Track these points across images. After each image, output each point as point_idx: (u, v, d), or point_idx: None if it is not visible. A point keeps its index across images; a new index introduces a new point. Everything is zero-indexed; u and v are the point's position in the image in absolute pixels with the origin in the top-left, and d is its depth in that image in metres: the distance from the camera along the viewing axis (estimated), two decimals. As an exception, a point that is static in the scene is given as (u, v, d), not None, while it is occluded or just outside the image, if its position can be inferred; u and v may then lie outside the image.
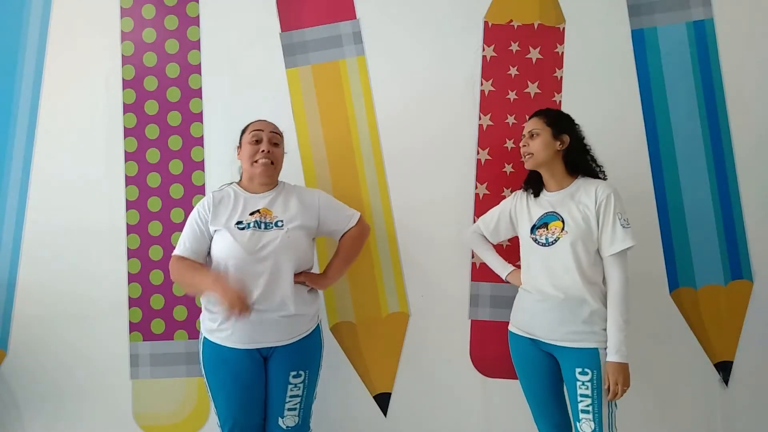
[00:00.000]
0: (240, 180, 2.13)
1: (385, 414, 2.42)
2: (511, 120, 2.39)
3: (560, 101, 2.37)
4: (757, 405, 2.37)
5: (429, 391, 2.41)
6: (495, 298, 2.38)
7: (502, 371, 2.36)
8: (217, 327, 1.96)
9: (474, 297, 2.39)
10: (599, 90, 2.38)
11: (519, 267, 2.11)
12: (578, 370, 1.86)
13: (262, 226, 1.98)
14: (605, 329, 1.88)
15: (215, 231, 1.99)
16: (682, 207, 2.37)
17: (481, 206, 2.38)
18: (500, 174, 2.39)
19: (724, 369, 2.37)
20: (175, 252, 2.01)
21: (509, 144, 2.38)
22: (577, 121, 2.05)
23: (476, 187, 2.40)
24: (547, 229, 1.96)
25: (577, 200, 1.95)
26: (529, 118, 2.06)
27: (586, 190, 1.96)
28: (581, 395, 1.85)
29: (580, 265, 1.89)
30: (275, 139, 2.09)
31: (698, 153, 2.37)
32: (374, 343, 2.41)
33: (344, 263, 2.17)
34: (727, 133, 2.37)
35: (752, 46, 2.37)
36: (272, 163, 2.05)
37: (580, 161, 2.02)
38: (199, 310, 2.05)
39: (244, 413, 1.96)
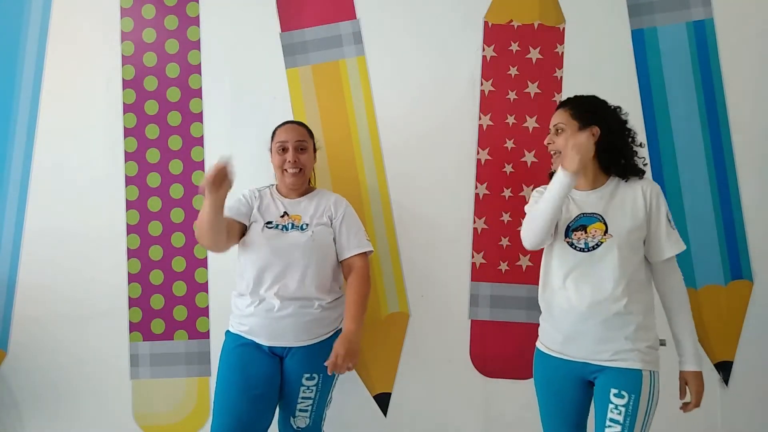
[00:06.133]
0: (276, 184, 2.17)
1: (385, 414, 2.42)
2: (511, 120, 2.38)
3: (560, 101, 2.37)
4: (757, 405, 2.37)
5: (429, 391, 2.41)
6: (495, 298, 2.38)
7: (502, 371, 2.36)
8: (236, 315, 2.03)
9: (474, 297, 2.39)
10: (599, 90, 2.34)
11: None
12: (614, 391, 1.63)
13: (289, 227, 2.03)
14: (650, 347, 1.68)
15: (252, 222, 2.05)
16: (682, 207, 2.37)
17: (481, 206, 2.38)
18: (500, 174, 2.38)
19: (724, 369, 2.37)
20: None
21: (509, 144, 2.38)
22: None
23: (476, 187, 2.39)
24: (586, 232, 1.72)
25: (621, 200, 1.73)
26: (556, 109, 1.87)
27: (631, 189, 1.75)
28: (611, 420, 1.63)
29: (626, 272, 1.67)
30: (302, 145, 2.10)
31: (698, 153, 2.37)
32: (374, 343, 2.41)
33: (361, 307, 2.01)
34: (727, 133, 2.37)
35: (752, 46, 2.36)
36: (300, 170, 2.08)
37: (616, 156, 1.77)
38: (200, 311, 2.06)
39: (250, 413, 1.92)
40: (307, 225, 2.04)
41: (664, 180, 2.37)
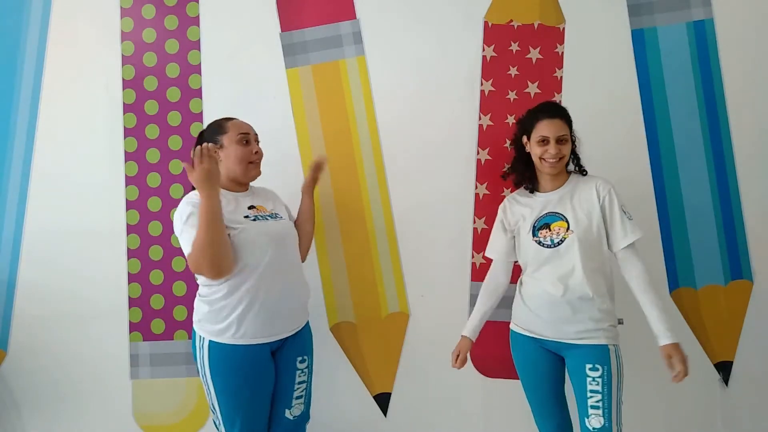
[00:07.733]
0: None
1: (385, 414, 2.42)
2: (511, 120, 2.38)
3: (560, 101, 2.37)
4: (757, 405, 2.37)
5: (429, 391, 2.41)
6: (495, 298, 2.38)
7: (502, 371, 2.36)
8: (225, 326, 1.84)
9: (474, 297, 2.38)
10: (599, 90, 2.38)
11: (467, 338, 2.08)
12: (588, 366, 1.85)
13: (268, 217, 1.95)
14: (612, 326, 1.90)
15: (227, 226, 1.82)
16: (682, 207, 2.37)
17: (481, 206, 2.38)
18: (500, 174, 2.38)
19: (724, 369, 2.37)
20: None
21: (509, 144, 2.38)
22: (577, 121, 2.01)
23: (476, 187, 2.40)
24: (550, 229, 1.93)
25: (578, 198, 1.94)
26: (547, 118, 1.94)
27: (585, 187, 1.95)
28: (591, 391, 1.85)
29: (588, 263, 1.88)
30: (257, 138, 2.04)
31: (698, 153, 2.37)
32: (374, 343, 2.41)
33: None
34: (727, 133, 2.37)
35: (752, 46, 2.36)
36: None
37: (574, 158, 2.02)
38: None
39: (257, 414, 1.91)
40: (277, 213, 2.00)
41: (664, 180, 2.37)
